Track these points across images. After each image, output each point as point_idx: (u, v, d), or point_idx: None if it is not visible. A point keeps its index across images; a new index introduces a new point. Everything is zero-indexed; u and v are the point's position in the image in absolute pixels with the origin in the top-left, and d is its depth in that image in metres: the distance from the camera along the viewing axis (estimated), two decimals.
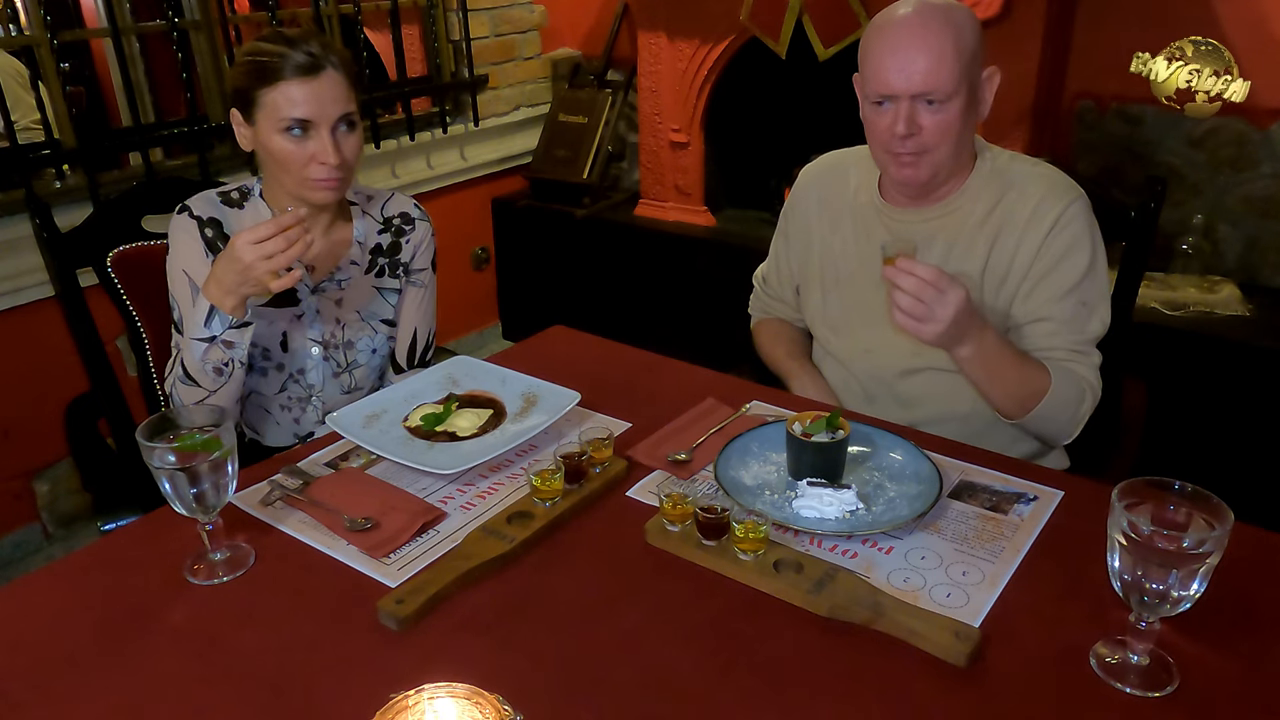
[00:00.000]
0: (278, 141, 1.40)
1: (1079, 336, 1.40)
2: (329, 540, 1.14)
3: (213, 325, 1.34)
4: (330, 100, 1.39)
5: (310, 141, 1.39)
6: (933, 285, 1.22)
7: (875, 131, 1.39)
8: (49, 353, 2.25)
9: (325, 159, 1.39)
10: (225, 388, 1.40)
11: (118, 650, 0.97)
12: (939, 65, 1.30)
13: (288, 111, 1.37)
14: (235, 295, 1.31)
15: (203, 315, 1.34)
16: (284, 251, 1.26)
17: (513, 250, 3.62)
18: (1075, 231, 1.39)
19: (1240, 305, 2.38)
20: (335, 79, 1.39)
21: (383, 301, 1.61)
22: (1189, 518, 0.88)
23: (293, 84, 1.36)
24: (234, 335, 1.35)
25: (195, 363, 1.36)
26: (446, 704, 0.72)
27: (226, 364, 1.38)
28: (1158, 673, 0.89)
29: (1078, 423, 1.40)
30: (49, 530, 2.57)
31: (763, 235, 2.25)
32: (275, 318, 1.52)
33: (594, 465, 1.23)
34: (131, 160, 2.65)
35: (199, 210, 1.47)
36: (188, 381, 1.39)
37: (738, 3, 2.70)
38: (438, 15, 3.31)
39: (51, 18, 2.34)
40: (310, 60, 1.37)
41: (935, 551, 1.09)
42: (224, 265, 1.30)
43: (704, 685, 0.90)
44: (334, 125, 1.40)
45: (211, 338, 1.34)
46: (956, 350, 1.31)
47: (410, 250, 1.62)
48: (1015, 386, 1.36)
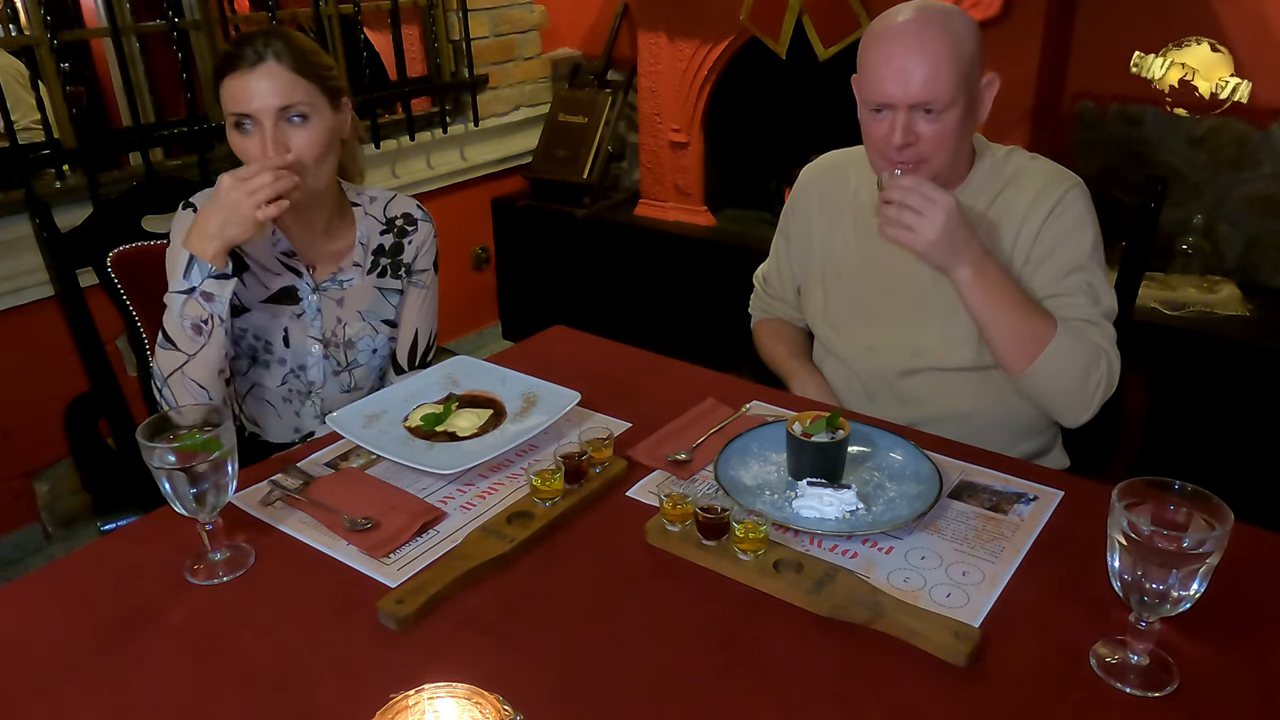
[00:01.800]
0: (233, 138, 1.41)
1: (1092, 310, 1.37)
2: (329, 540, 1.14)
3: (191, 275, 1.33)
4: (267, 93, 1.36)
5: (256, 136, 1.39)
6: (917, 191, 1.24)
7: (872, 139, 1.38)
8: (49, 353, 2.25)
9: (267, 151, 1.37)
10: (204, 351, 1.37)
11: (118, 650, 0.97)
12: (936, 75, 1.29)
13: (231, 106, 1.39)
14: (219, 239, 1.32)
15: (182, 266, 1.34)
16: (270, 184, 1.30)
17: (513, 250, 3.62)
18: (1075, 216, 1.39)
19: (1240, 305, 2.38)
20: (274, 71, 1.37)
21: (384, 302, 1.61)
22: (1189, 518, 0.88)
23: (234, 78, 1.37)
24: (213, 286, 1.34)
25: (174, 321, 1.35)
26: (446, 704, 0.72)
27: (206, 321, 1.35)
28: (1158, 673, 0.89)
29: (1091, 392, 1.35)
30: (49, 530, 2.56)
31: (763, 235, 2.25)
32: (277, 313, 1.52)
33: (594, 465, 1.23)
34: (131, 160, 2.65)
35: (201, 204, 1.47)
36: (166, 345, 1.37)
37: (738, 3, 2.70)
38: (438, 15, 3.31)
39: (51, 18, 2.34)
40: (252, 54, 1.36)
41: (935, 551, 1.09)
42: (208, 208, 1.32)
43: (704, 685, 0.90)
44: (276, 118, 1.38)
45: (190, 289, 1.34)
46: (957, 271, 1.30)
47: (412, 251, 1.62)
48: (1019, 324, 1.32)
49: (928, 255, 1.30)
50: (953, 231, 1.26)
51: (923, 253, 1.29)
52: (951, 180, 1.43)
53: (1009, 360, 1.36)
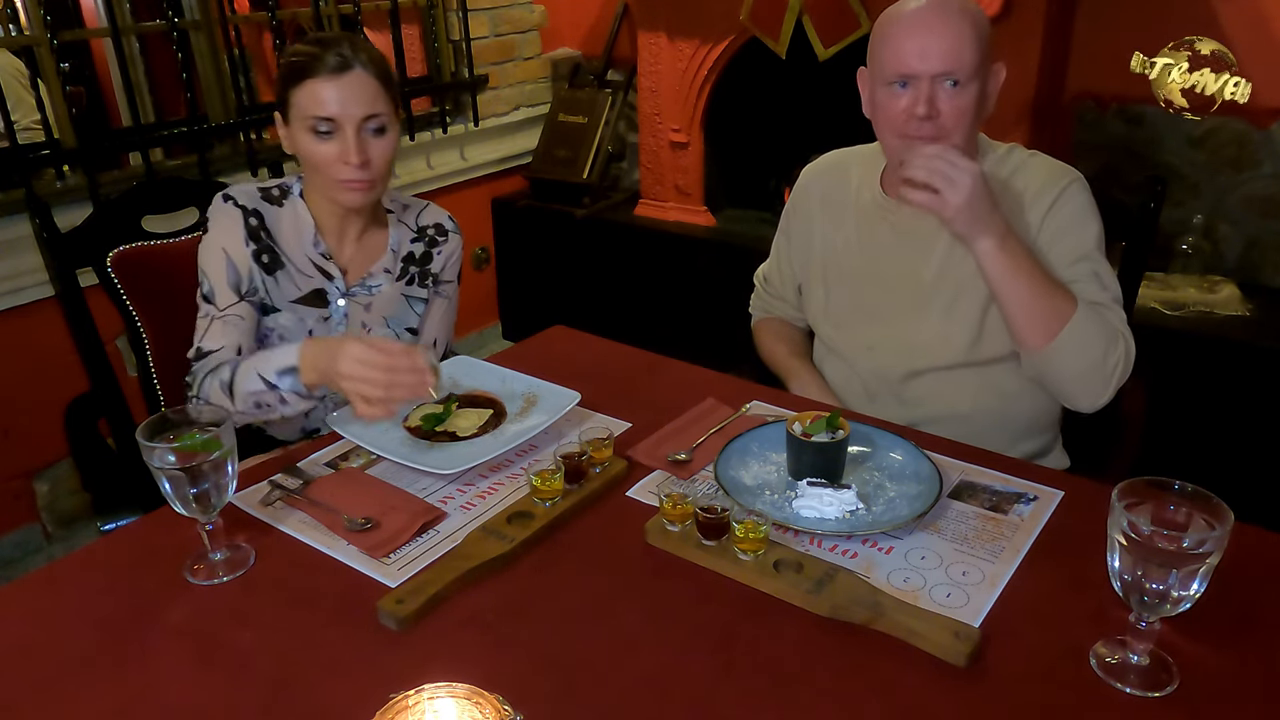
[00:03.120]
0: (306, 141, 1.40)
1: (1103, 294, 1.36)
2: (329, 540, 1.14)
3: (283, 381, 1.31)
4: (355, 100, 1.37)
5: (336, 141, 1.38)
6: (943, 157, 1.24)
7: (890, 115, 1.37)
8: (49, 353, 2.25)
9: (349, 158, 1.38)
10: (248, 417, 1.38)
11: (118, 650, 0.97)
12: (960, 46, 1.31)
13: (313, 110, 1.37)
14: (324, 380, 1.28)
15: (281, 364, 1.31)
16: (379, 387, 1.21)
17: (513, 250, 3.62)
18: (1077, 208, 1.39)
19: (1240, 305, 2.38)
20: (363, 79, 1.38)
21: (409, 310, 1.61)
22: (1189, 518, 0.88)
23: (319, 82, 1.36)
24: (292, 398, 1.33)
25: (242, 390, 1.34)
26: (446, 704, 0.72)
27: (268, 407, 1.35)
28: (1158, 673, 0.89)
29: (1110, 374, 1.32)
30: (49, 530, 2.57)
31: (763, 235, 2.25)
32: (304, 315, 1.51)
33: (594, 465, 1.23)
34: (131, 160, 2.65)
35: (244, 201, 1.46)
36: (225, 391, 1.36)
37: (738, 3, 2.70)
38: (438, 15, 3.31)
39: (51, 18, 2.34)
40: (339, 60, 1.36)
41: (935, 551, 1.09)
42: (330, 350, 1.26)
43: (704, 685, 0.90)
44: (360, 126, 1.38)
45: (273, 385, 1.32)
46: (980, 241, 1.29)
47: (441, 261, 1.62)
48: (1041, 298, 1.30)
49: (952, 222, 1.28)
50: (978, 199, 1.25)
51: (948, 219, 1.28)
52: None
53: (1029, 336, 1.32)
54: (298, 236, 1.49)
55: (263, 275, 1.46)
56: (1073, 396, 1.38)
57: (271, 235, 1.47)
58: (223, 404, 1.34)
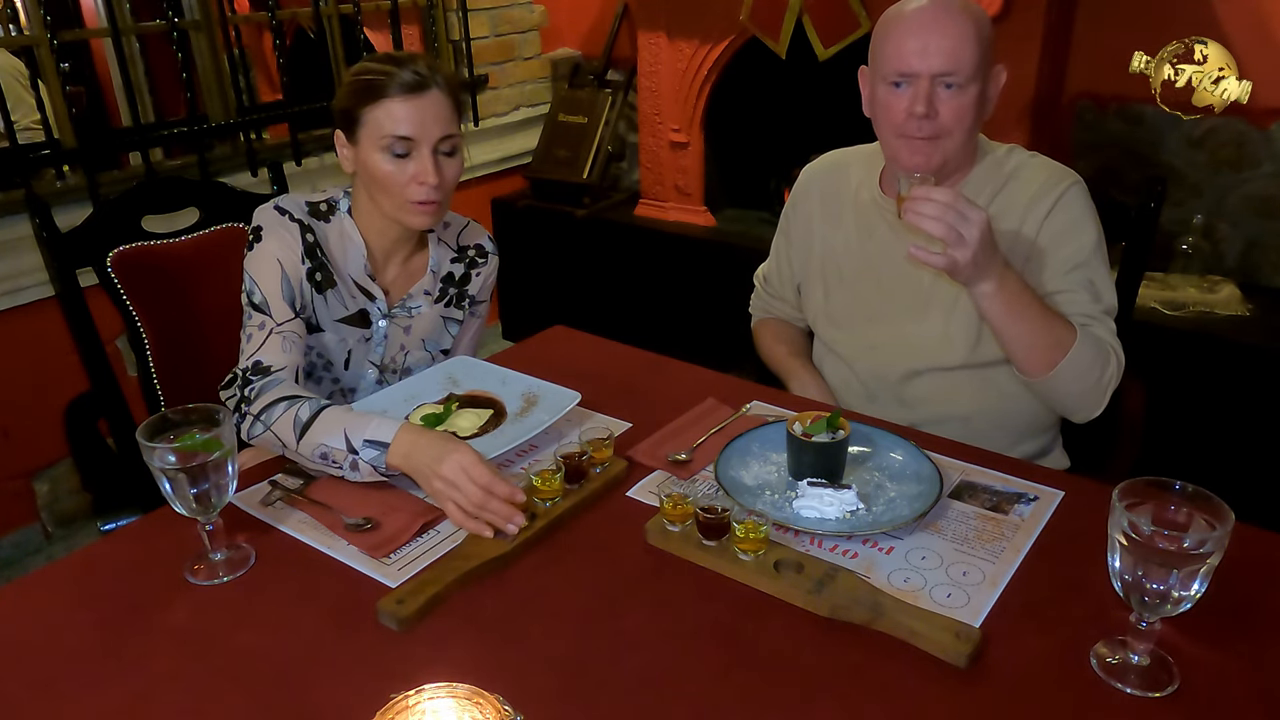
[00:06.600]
0: (378, 160, 1.35)
1: (1094, 306, 1.37)
2: (329, 540, 1.14)
3: (367, 451, 1.20)
4: (433, 120, 1.34)
5: (411, 162, 1.35)
6: (952, 208, 1.19)
7: (890, 114, 1.36)
8: (49, 353, 2.25)
9: (425, 179, 1.34)
10: (304, 461, 1.26)
11: (118, 650, 0.97)
12: (960, 47, 1.31)
13: (390, 129, 1.33)
14: (407, 464, 1.19)
15: (374, 435, 1.20)
16: (470, 504, 1.13)
17: (513, 250, 3.61)
18: (1075, 213, 1.39)
19: (1240, 305, 2.38)
20: (440, 100, 1.35)
21: (445, 332, 1.58)
22: (1189, 518, 0.88)
23: (397, 101, 1.33)
24: (366, 469, 1.21)
25: (318, 438, 1.22)
26: (446, 704, 0.72)
27: (335, 464, 1.23)
28: (1158, 673, 0.89)
29: (1104, 390, 1.34)
30: (49, 530, 2.56)
31: (763, 235, 2.25)
32: (345, 335, 1.47)
33: (594, 465, 1.23)
34: (131, 160, 2.65)
35: (299, 215, 1.41)
36: (295, 429, 1.23)
37: (738, 3, 2.70)
38: (438, 15, 3.31)
39: (51, 18, 2.34)
40: (417, 79, 1.33)
41: (935, 551, 1.09)
42: (437, 447, 1.17)
43: (704, 685, 0.90)
44: (435, 146, 1.35)
45: (355, 450, 1.21)
46: (980, 285, 1.26)
47: (479, 283, 1.60)
48: (1040, 333, 1.30)
49: (957, 276, 1.25)
50: (984, 249, 1.21)
51: (956, 271, 1.23)
52: (958, 170, 1.43)
53: (1028, 367, 1.33)
54: (345, 255, 1.45)
55: (313, 293, 1.42)
56: (1069, 412, 1.40)
57: (325, 253, 1.43)
58: (284, 437, 1.24)
